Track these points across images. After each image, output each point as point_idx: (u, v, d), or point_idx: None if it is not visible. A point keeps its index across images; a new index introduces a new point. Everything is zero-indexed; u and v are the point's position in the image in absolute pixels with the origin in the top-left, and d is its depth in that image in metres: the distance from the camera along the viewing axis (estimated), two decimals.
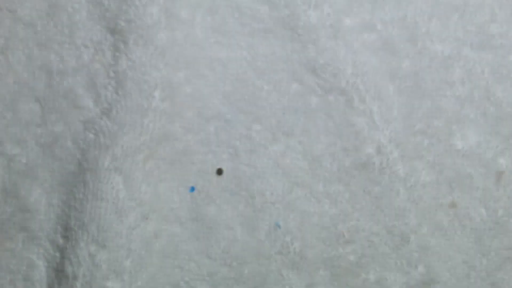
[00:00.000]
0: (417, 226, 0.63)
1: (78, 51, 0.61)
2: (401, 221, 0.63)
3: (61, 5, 0.61)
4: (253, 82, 0.63)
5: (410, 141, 0.63)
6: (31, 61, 0.61)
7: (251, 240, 0.62)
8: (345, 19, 0.63)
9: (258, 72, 0.63)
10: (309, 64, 0.62)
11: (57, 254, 0.60)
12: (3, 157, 0.61)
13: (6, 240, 0.61)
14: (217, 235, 0.62)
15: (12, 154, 0.61)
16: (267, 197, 0.62)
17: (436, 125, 0.64)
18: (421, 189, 0.63)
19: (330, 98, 0.62)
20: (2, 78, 0.61)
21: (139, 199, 0.60)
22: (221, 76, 0.62)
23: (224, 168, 0.62)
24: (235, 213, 0.62)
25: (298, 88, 0.63)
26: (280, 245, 0.62)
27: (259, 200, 0.62)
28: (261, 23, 0.62)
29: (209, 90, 0.62)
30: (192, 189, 0.62)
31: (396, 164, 0.62)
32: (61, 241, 0.60)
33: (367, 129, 0.62)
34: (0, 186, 0.61)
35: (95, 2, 0.61)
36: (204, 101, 0.62)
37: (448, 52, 0.64)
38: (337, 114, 0.63)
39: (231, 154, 0.62)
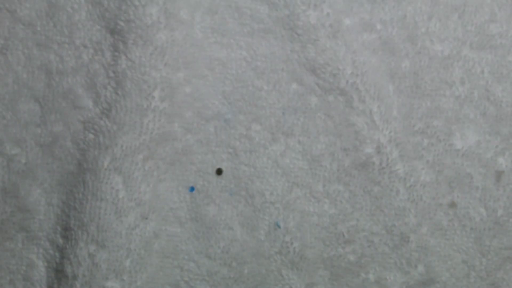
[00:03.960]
0: (417, 226, 0.63)
1: (77, 51, 0.61)
2: (401, 221, 0.63)
3: (60, 5, 0.61)
4: (253, 82, 0.63)
5: (409, 141, 0.63)
6: (31, 61, 0.62)
7: (250, 240, 0.62)
8: (345, 19, 0.63)
9: (257, 72, 0.63)
10: (309, 64, 0.62)
11: (57, 254, 0.60)
12: (3, 157, 0.61)
13: (5, 240, 0.61)
14: (216, 235, 0.62)
15: (12, 154, 0.61)
16: (266, 197, 0.62)
17: (436, 125, 0.64)
18: (420, 189, 0.63)
19: (329, 98, 0.62)
20: (1, 78, 0.61)
21: (138, 199, 0.60)
22: (221, 76, 0.62)
23: (223, 168, 0.62)
24: (234, 213, 0.62)
25: (297, 88, 0.63)
26: (280, 245, 0.62)
27: (259, 200, 0.62)
28: (261, 23, 0.62)
29: (208, 90, 0.62)
30: (192, 189, 0.62)
31: (395, 164, 0.62)
32: (60, 241, 0.60)
33: (367, 129, 0.62)
34: (0, 186, 0.61)
35: (94, 2, 0.61)
36: (203, 101, 0.62)
37: (447, 52, 0.64)
38: (337, 114, 0.63)
39: (230, 154, 0.62)
